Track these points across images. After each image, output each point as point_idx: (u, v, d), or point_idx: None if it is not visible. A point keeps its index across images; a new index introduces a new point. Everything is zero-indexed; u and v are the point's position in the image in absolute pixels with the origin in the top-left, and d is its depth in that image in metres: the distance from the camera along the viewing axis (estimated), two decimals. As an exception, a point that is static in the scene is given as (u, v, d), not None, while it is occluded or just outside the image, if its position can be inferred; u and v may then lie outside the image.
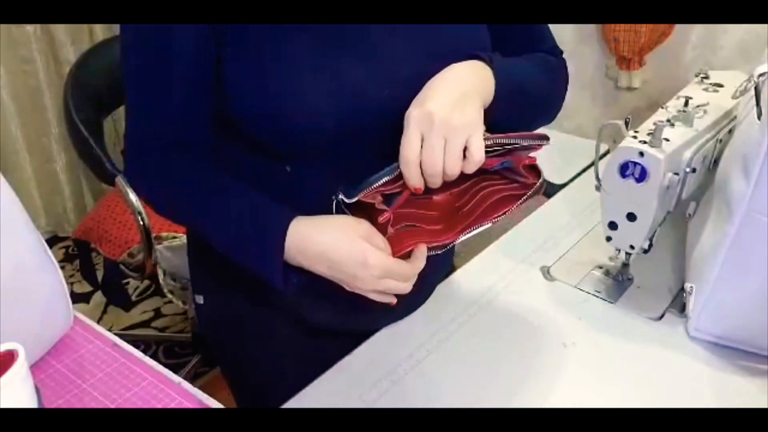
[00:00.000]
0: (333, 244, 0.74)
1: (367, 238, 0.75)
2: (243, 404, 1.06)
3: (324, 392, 0.86)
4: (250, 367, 1.01)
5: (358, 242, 0.74)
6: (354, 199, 0.74)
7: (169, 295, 1.67)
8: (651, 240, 0.98)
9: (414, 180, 0.73)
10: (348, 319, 0.95)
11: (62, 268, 0.85)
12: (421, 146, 0.72)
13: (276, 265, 0.75)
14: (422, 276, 0.96)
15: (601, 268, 1.08)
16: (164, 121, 0.80)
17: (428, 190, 0.76)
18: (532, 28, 0.93)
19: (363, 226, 0.76)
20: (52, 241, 2.61)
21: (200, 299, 1.00)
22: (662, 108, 1.05)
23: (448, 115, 0.71)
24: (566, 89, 0.94)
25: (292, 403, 0.85)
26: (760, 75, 0.89)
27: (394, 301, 0.79)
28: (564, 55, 0.96)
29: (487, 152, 0.72)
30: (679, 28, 1.58)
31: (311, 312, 0.94)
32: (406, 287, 0.78)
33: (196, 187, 0.81)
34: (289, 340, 0.97)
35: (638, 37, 1.60)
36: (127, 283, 2.26)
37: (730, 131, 1.02)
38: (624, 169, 0.92)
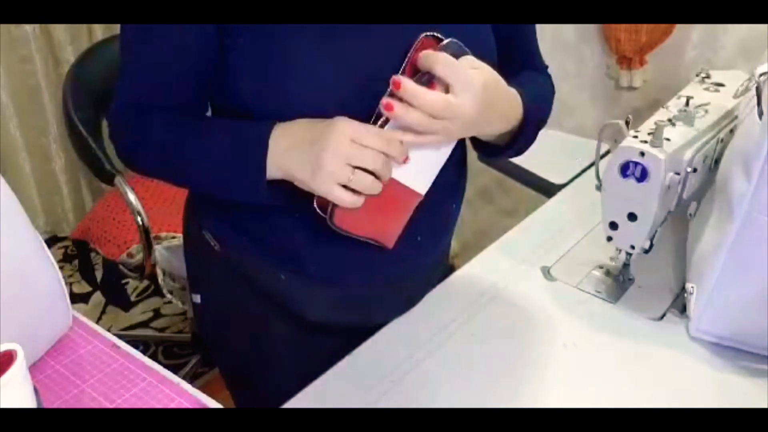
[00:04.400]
0: (303, 125, 0.74)
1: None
2: (241, 404, 1.06)
3: (324, 392, 0.86)
4: (249, 367, 1.01)
5: (326, 119, 0.73)
6: None
7: (169, 296, 1.67)
8: (652, 240, 0.98)
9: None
10: (345, 314, 0.95)
11: (61, 268, 0.85)
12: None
13: (259, 176, 0.75)
14: (419, 265, 0.96)
15: (601, 268, 1.08)
16: (156, 85, 0.80)
17: None
18: (527, 48, 0.95)
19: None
20: (50, 242, 2.61)
21: (197, 299, 1.00)
22: (663, 107, 1.05)
23: (476, 114, 0.74)
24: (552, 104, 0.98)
25: (292, 403, 0.84)
26: (761, 74, 0.89)
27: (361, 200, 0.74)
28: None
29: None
30: (680, 28, 1.58)
31: (308, 307, 0.94)
32: (378, 159, 0.72)
33: (180, 127, 0.80)
34: (287, 339, 0.97)
35: (639, 37, 1.59)
36: (126, 283, 2.25)
37: (731, 131, 1.02)
38: (625, 169, 0.92)
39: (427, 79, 0.73)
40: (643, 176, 0.91)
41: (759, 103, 0.86)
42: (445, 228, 0.97)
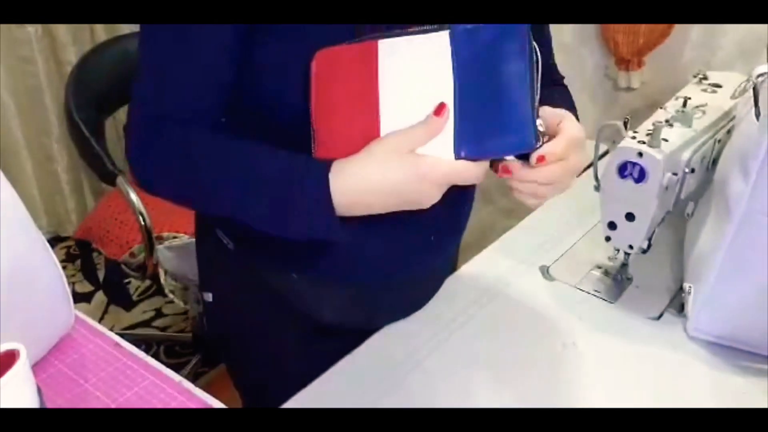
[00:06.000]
0: (380, 180, 0.69)
1: (407, 147, 0.69)
2: (248, 402, 1.06)
3: (324, 392, 0.87)
4: (257, 366, 1.01)
5: (404, 159, 0.69)
6: None
7: (170, 295, 1.67)
8: (650, 240, 0.98)
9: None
10: (355, 315, 0.95)
11: (63, 268, 0.85)
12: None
13: (333, 227, 0.71)
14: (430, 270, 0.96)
15: (600, 267, 1.08)
16: (180, 90, 0.75)
17: None
18: (545, 61, 0.94)
19: (388, 139, 0.70)
20: (53, 242, 2.61)
21: (209, 297, 1.00)
22: (661, 108, 1.05)
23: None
24: None
25: (292, 403, 0.85)
26: (759, 76, 0.90)
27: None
28: (564, 56, 0.97)
29: None
30: (678, 29, 1.58)
31: (318, 308, 0.94)
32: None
33: (213, 153, 0.74)
34: (296, 339, 0.98)
35: (637, 38, 1.59)
36: (128, 282, 2.26)
37: (729, 131, 1.02)
38: (623, 170, 0.93)
39: None
40: (641, 177, 0.91)
41: (756, 104, 0.86)
42: (457, 228, 0.97)
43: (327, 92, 0.72)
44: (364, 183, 0.70)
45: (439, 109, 0.68)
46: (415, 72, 0.70)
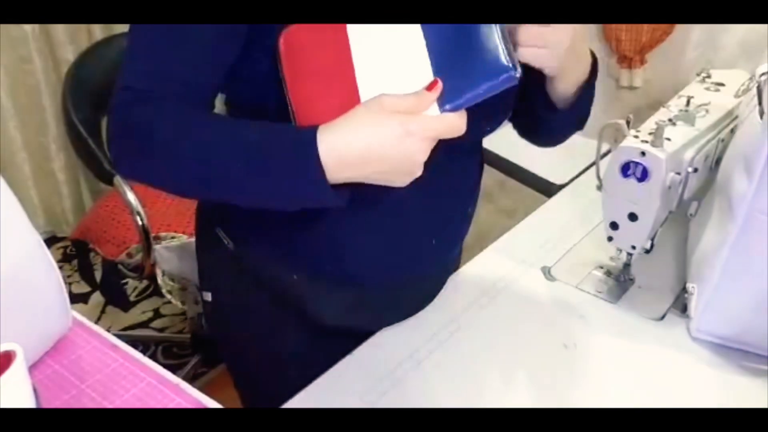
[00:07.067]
0: (369, 135, 0.68)
1: (395, 109, 0.69)
2: (247, 402, 1.06)
3: (324, 392, 0.86)
4: (256, 366, 1.01)
5: (393, 116, 0.68)
6: None
7: (168, 296, 1.67)
8: (652, 240, 0.98)
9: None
10: (355, 317, 0.95)
11: (60, 268, 0.84)
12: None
13: (323, 188, 0.69)
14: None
15: (602, 268, 1.08)
16: (172, 70, 0.73)
17: None
18: None
19: (381, 98, 0.70)
20: (50, 242, 2.61)
21: (208, 296, 1.00)
22: (664, 107, 1.05)
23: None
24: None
25: (292, 403, 0.84)
26: (762, 74, 0.89)
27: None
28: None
29: None
30: (680, 27, 1.58)
31: (317, 309, 0.94)
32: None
33: (202, 125, 0.72)
34: (296, 340, 0.97)
35: (639, 36, 1.59)
36: (126, 283, 2.25)
37: (732, 130, 1.02)
38: (625, 169, 0.92)
39: None
40: (643, 176, 0.91)
41: (760, 103, 0.86)
42: (459, 232, 0.97)
43: (300, 64, 0.73)
44: (353, 137, 0.68)
45: (432, 84, 0.70)
46: (386, 34, 0.72)
